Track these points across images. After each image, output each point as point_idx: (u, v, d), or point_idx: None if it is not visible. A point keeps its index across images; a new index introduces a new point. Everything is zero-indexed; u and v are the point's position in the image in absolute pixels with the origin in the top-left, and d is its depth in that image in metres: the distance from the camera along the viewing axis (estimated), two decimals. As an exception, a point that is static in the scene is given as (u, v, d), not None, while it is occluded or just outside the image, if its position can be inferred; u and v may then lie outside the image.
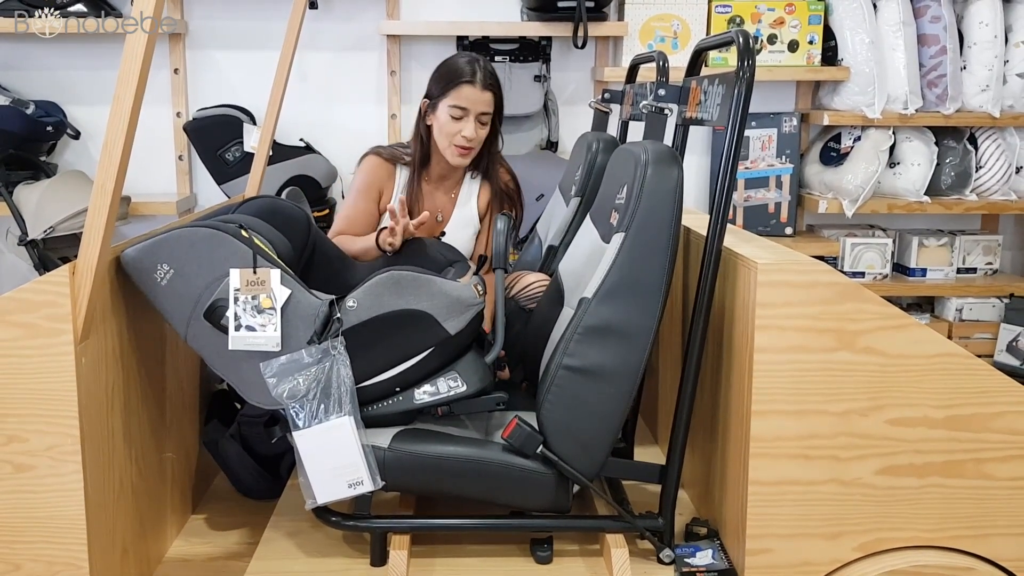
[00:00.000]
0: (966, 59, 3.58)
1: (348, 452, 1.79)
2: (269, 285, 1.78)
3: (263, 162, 2.96)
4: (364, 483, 1.80)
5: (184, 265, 1.78)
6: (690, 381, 1.88)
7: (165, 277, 1.78)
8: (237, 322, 1.77)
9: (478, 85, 2.44)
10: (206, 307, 1.78)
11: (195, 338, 1.81)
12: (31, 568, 1.70)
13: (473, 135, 2.46)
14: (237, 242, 1.78)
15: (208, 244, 1.78)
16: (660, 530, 1.93)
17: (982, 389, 1.81)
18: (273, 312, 1.78)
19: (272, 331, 1.78)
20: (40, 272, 3.03)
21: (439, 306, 1.85)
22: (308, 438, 1.78)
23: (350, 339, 1.80)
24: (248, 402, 1.85)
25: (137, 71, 1.56)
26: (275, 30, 3.60)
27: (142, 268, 1.79)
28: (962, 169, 3.62)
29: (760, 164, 3.69)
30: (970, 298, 3.75)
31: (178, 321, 1.81)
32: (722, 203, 1.81)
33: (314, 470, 1.80)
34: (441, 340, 1.86)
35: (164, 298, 1.80)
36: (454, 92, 2.45)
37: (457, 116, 2.46)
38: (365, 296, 1.83)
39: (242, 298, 1.77)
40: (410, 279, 1.84)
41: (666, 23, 3.57)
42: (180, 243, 1.78)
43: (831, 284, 1.76)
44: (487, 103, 2.46)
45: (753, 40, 2.25)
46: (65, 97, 3.60)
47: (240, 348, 1.78)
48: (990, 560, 1.86)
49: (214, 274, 1.78)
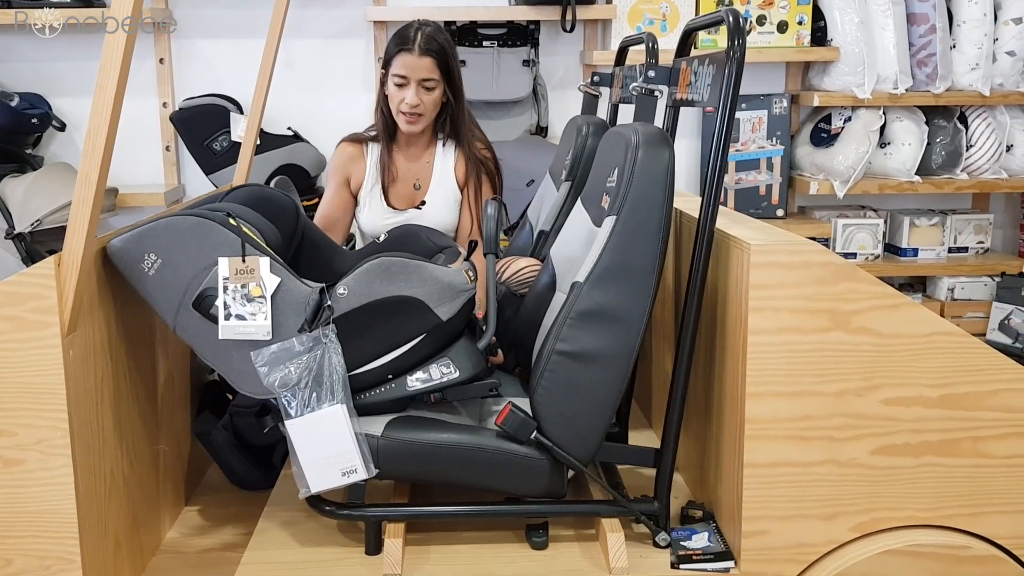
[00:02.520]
0: (956, 38, 3.57)
1: (341, 440, 1.77)
2: (258, 273, 1.76)
3: (251, 151, 2.94)
4: (358, 471, 1.79)
5: (172, 254, 1.76)
6: (684, 364, 1.87)
7: (153, 267, 1.76)
8: (227, 311, 1.76)
9: (416, 52, 2.46)
10: (195, 296, 1.76)
11: (184, 328, 1.79)
12: (23, 563, 1.68)
13: (416, 101, 2.49)
14: (225, 230, 1.76)
15: (196, 233, 1.76)
16: (656, 514, 1.92)
17: (977, 367, 1.80)
18: (263, 300, 1.76)
19: (263, 319, 1.76)
20: (28, 265, 3.01)
21: (430, 292, 1.84)
22: (300, 427, 1.77)
23: (341, 327, 1.78)
24: (239, 392, 1.84)
25: (118, 63, 1.54)
26: (260, 18, 3.58)
27: (129, 258, 1.77)
28: (952, 148, 3.62)
29: (751, 146, 3.68)
30: (962, 277, 3.75)
31: (166, 311, 1.79)
32: (714, 183, 1.80)
33: (307, 459, 1.79)
34: (433, 326, 1.85)
35: (152, 288, 1.78)
36: (395, 60, 2.50)
37: (399, 84, 2.50)
38: (356, 283, 1.81)
39: (231, 287, 1.76)
40: (400, 265, 1.82)
41: (655, 5, 3.55)
42: (167, 232, 1.76)
43: (824, 264, 1.75)
44: (427, 68, 2.48)
45: (743, 20, 2.24)
46: (50, 89, 3.57)
47: (230, 337, 1.77)
48: (986, 538, 1.87)
49: (202, 263, 1.76)
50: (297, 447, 1.78)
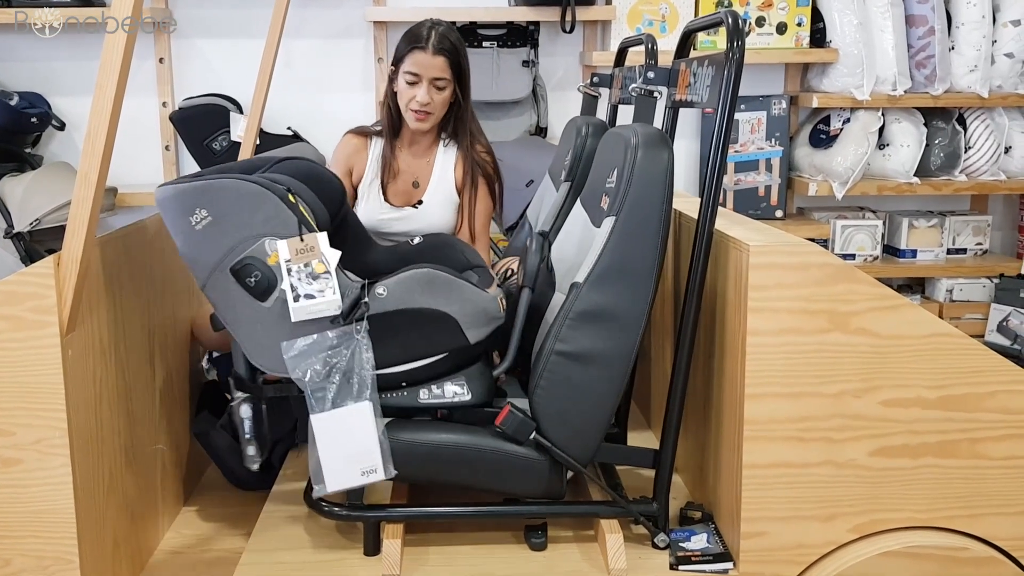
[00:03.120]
0: (954, 39, 3.57)
1: (365, 438, 1.76)
2: (319, 250, 1.74)
3: (250, 151, 2.94)
4: (377, 471, 1.78)
5: (224, 215, 1.74)
6: (683, 365, 1.87)
7: (201, 222, 1.74)
8: (295, 293, 1.73)
9: (429, 50, 2.45)
10: (234, 262, 1.74)
11: (213, 288, 1.78)
12: (21, 563, 1.68)
13: (427, 99, 2.48)
14: (283, 206, 1.75)
15: (253, 201, 1.74)
16: (654, 515, 1.92)
17: (975, 369, 1.81)
18: (328, 275, 1.74)
19: (331, 294, 1.74)
20: (27, 265, 3.01)
21: (465, 313, 1.84)
22: (325, 421, 1.75)
23: (371, 326, 1.78)
24: (251, 363, 1.84)
25: (118, 63, 1.55)
26: (260, 18, 3.57)
27: (179, 208, 1.75)
28: (951, 150, 3.62)
29: (750, 147, 3.68)
30: (960, 279, 3.75)
31: (201, 268, 1.77)
32: (713, 184, 1.80)
33: (328, 455, 1.77)
34: (459, 347, 1.85)
35: (194, 243, 1.76)
36: (408, 58, 2.48)
37: (411, 81, 2.49)
38: (397, 287, 1.80)
39: (295, 267, 1.74)
40: (444, 280, 1.82)
41: (654, 6, 3.55)
42: (226, 192, 1.74)
43: (823, 265, 1.75)
44: (439, 68, 2.47)
45: (742, 22, 2.24)
46: (50, 88, 3.57)
47: (303, 319, 1.75)
48: (984, 539, 1.87)
49: (251, 232, 1.75)
50: (319, 442, 1.76)
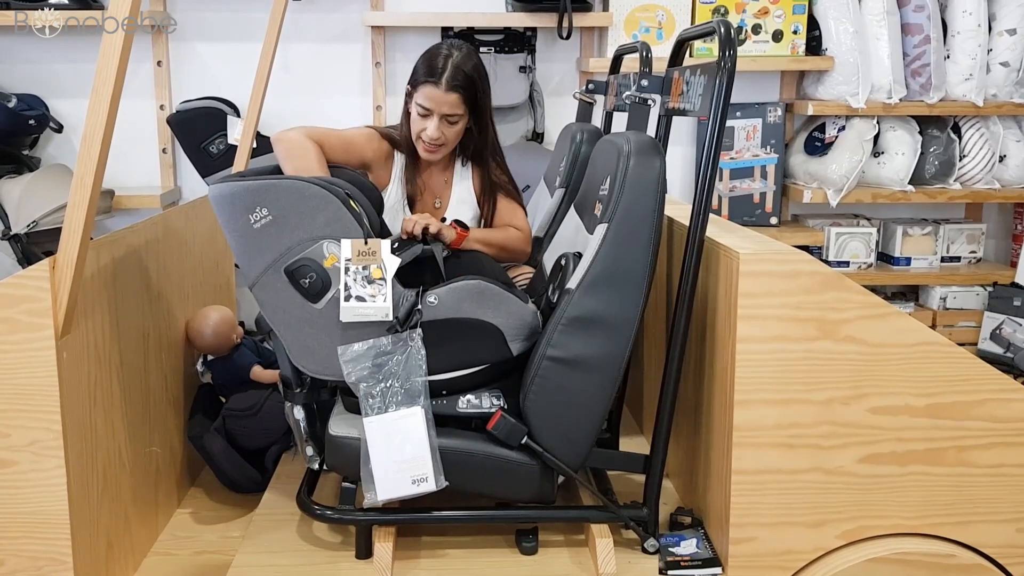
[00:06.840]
0: (950, 48, 3.58)
1: (417, 445, 1.78)
2: (380, 256, 1.77)
3: (247, 154, 2.95)
4: (428, 480, 1.79)
5: (285, 215, 1.76)
6: (673, 371, 1.88)
7: (260, 221, 1.76)
8: (347, 292, 1.76)
9: (442, 86, 2.23)
10: (290, 262, 1.77)
11: (264, 287, 1.80)
12: (15, 563, 1.69)
13: (436, 135, 2.29)
14: (344, 210, 1.77)
15: (316, 203, 1.76)
16: (645, 520, 1.93)
17: (963, 377, 1.82)
18: (383, 283, 1.77)
19: (382, 301, 1.77)
20: (24, 267, 3.02)
21: (512, 325, 1.86)
22: (378, 426, 1.77)
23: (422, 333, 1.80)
24: (296, 365, 1.86)
25: (115, 64, 1.55)
26: (258, 21, 3.58)
27: (239, 206, 1.77)
28: (946, 158, 3.64)
29: (745, 154, 3.70)
30: (954, 286, 3.77)
31: (254, 266, 1.79)
32: (704, 193, 1.81)
33: (380, 462, 1.78)
34: (502, 358, 1.87)
35: (250, 241, 1.78)
36: (421, 90, 2.27)
37: (423, 114, 2.30)
38: (448, 296, 1.82)
39: (352, 268, 1.76)
40: (494, 292, 1.84)
41: (651, 13, 3.57)
42: (290, 193, 1.76)
43: (813, 273, 1.76)
44: (452, 105, 2.25)
45: (736, 30, 2.25)
46: (47, 90, 3.57)
47: (351, 319, 1.77)
48: (971, 546, 1.88)
49: (311, 233, 1.77)
50: (371, 448, 1.78)
